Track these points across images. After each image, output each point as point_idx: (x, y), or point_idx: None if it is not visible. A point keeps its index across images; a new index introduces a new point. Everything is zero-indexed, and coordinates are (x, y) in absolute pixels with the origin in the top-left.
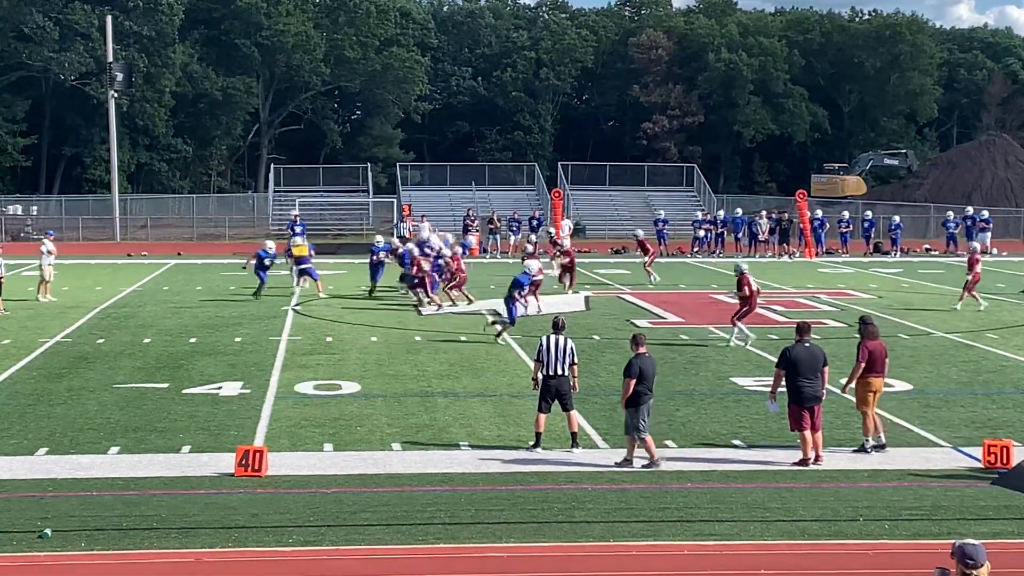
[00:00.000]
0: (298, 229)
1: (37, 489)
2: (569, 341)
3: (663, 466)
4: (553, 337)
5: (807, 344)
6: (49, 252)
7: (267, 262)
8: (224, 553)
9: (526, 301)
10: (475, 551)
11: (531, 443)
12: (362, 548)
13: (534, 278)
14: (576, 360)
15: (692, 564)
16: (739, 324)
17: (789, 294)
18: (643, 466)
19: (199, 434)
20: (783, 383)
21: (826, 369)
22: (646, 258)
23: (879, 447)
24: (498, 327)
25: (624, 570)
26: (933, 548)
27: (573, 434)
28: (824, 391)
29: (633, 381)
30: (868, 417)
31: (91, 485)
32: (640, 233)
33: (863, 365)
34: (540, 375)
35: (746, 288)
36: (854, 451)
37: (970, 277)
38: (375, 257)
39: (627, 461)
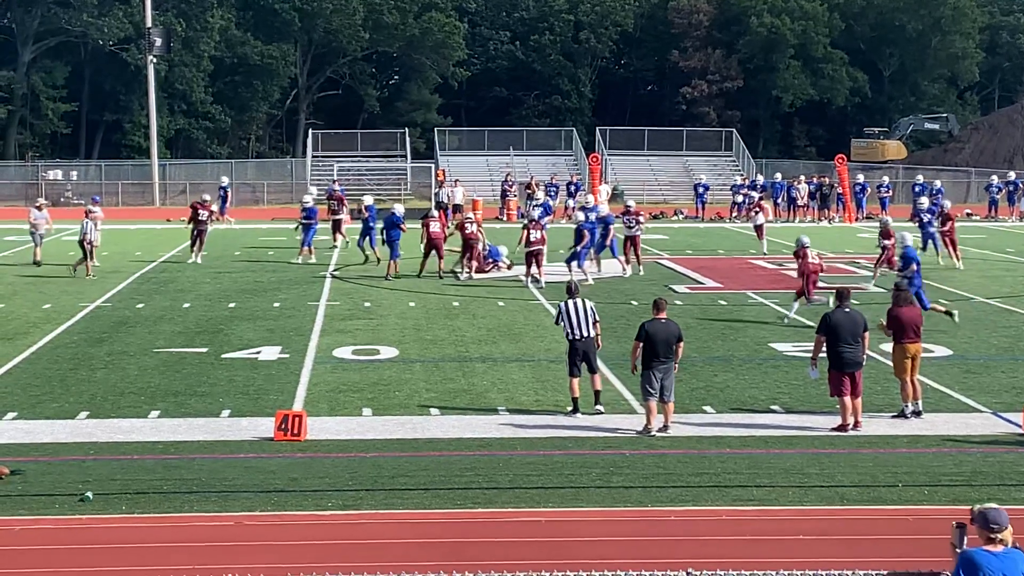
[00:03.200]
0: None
1: (79, 452)
2: (588, 302)
3: (653, 434)
4: (571, 301)
5: (847, 310)
6: (89, 217)
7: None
8: (263, 517)
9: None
10: (513, 516)
11: (569, 409)
12: (400, 512)
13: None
14: (598, 319)
15: (730, 529)
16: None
17: (828, 259)
18: (638, 432)
19: (239, 398)
20: (824, 349)
21: (867, 335)
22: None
23: (916, 414)
24: None
25: (662, 535)
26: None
27: (596, 392)
28: (865, 357)
29: (639, 345)
30: (906, 383)
31: (132, 449)
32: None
33: (889, 331)
34: (567, 339)
35: (799, 261)
36: (893, 416)
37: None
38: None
39: (649, 426)
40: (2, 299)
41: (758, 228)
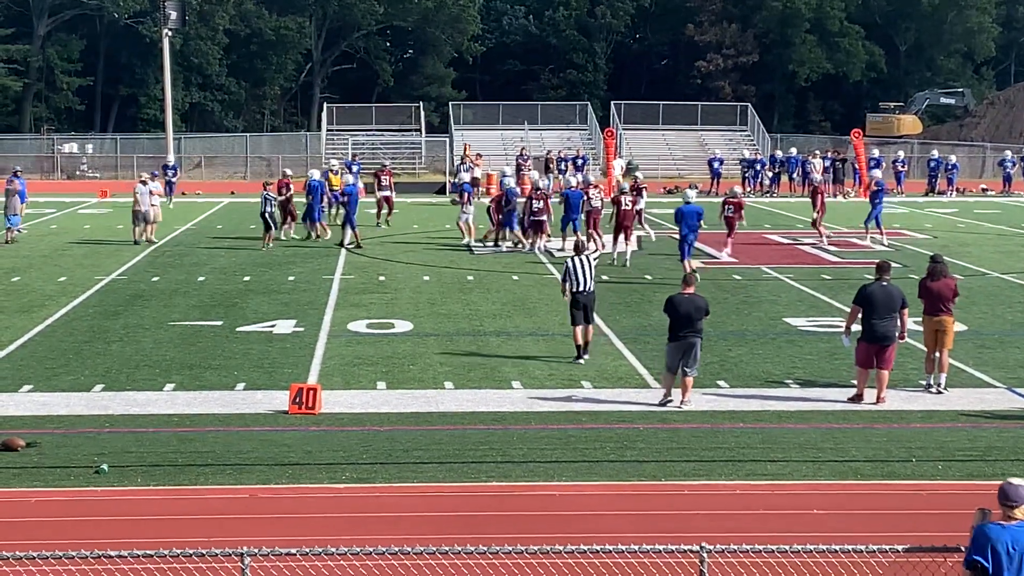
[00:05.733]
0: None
1: (94, 425)
2: (591, 258)
3: (671, 407)
4: (577, 258)
5: (884, 283)
6: (151, 193)
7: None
8: (278, 490)
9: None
10: (527, 489)
11: (574, 356)
12: (415, 486)
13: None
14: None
15: (744, 503)
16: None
17: (843, 234)
18: (659, 403)
19: (253, 372)
20: (859, 319)
21: (905, 311)
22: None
23: (938, 390)
24: None
25: (676, 509)
26: (986, 489)
27: (586, 343)
28: (900, 333)
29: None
30: (929, 355)
31: (147, 421)
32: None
33: (922, 301)
34: (570, 292)
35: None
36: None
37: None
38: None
39: (666, 397)
40: (18, 272)
41: (639, 212)
